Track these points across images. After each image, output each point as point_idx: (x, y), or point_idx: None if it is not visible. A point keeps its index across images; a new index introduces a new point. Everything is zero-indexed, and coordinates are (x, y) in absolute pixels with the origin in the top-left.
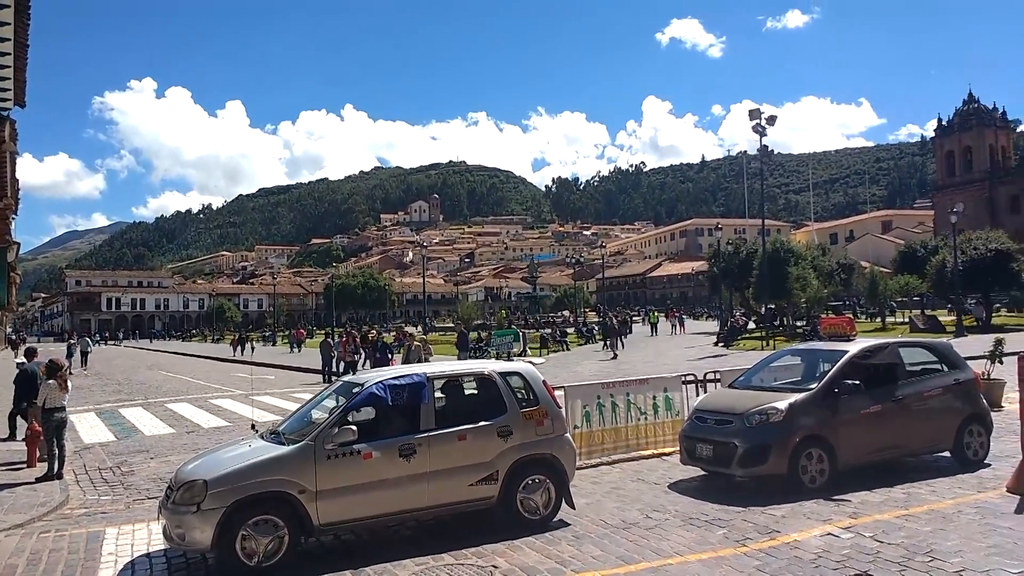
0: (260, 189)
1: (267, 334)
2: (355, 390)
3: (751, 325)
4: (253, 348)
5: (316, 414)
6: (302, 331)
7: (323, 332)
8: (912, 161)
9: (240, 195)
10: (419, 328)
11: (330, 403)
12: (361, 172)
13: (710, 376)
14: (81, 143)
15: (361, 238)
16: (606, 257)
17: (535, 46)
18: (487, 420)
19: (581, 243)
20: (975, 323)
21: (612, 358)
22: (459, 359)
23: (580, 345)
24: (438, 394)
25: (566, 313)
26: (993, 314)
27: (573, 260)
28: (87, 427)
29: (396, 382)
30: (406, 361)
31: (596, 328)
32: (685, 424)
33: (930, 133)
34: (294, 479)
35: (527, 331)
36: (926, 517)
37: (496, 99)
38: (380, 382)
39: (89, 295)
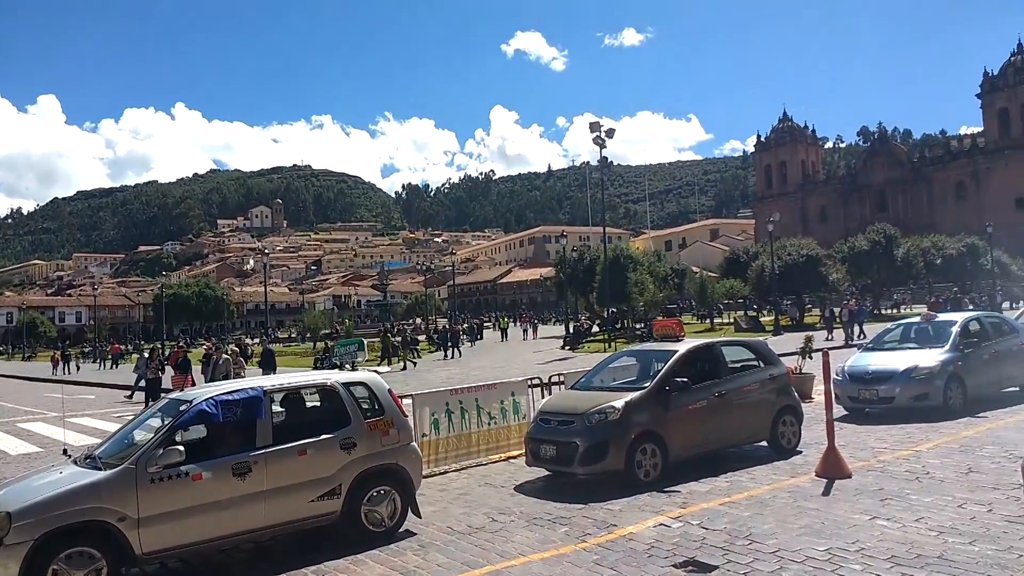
0: (79, 192)
1: (87, 350)
2: (182, 407)
3: (595, 328)
4: (79, 366)
5: (139, 435)
6: (118, 346)
7: (150, 346)
8: (736, 174)
9: (55, 198)
10: (258, 339)
11: (155, 422)
12: (195, 175)
13: (555, 379)
14: None
15: (196, 245)
16: (457, 264)
17: (380, 50)
18: (329, 433)
19: (432, 250)
20: (790, 322)
21: (402, 369)
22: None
23: (431, 352)
24: (277, 408)
25: (417, 320)
26: (805, 314)
27: (424, 267)
28: None
29: (229, 397)
30: (212, 378)
31: (436, 336)
32: (530, 426)
33: (751, 148)
34: (112, 506)
35: (399, 338)
36: (746, 503)
37: (342, 102)
38: (211, 398)
39: None
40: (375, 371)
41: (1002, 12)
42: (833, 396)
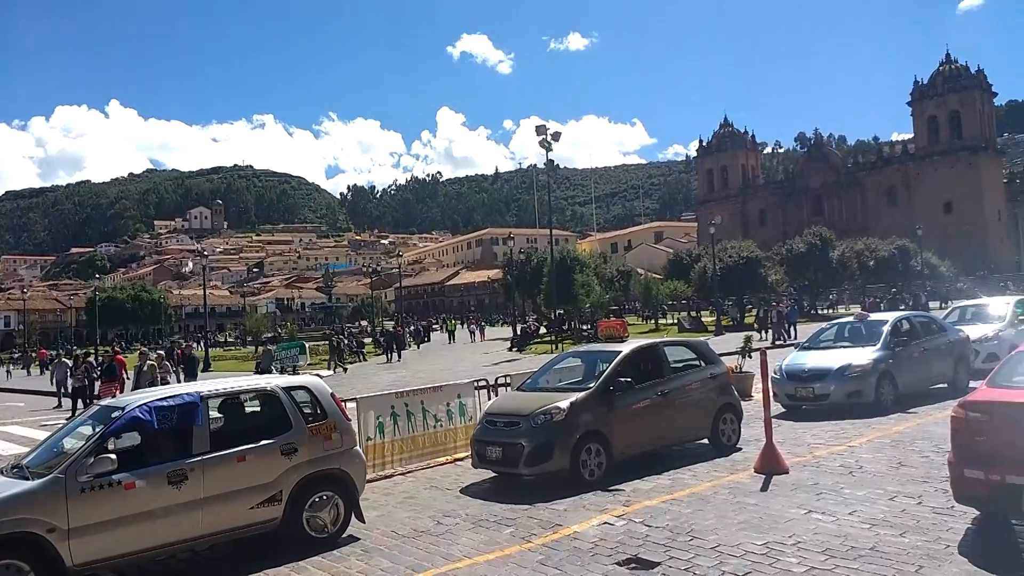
0: (7, 192)
1: (16, 355)
2: (114, 415)
3: (542, 330)
4: (9, 372)
5: (69, 443)
6: (45, 351)
7: (77, 352)
8: (679, 177)
9: None
10: (196, 342)
11: (85, 430)
12: (131, 175)
13: (501, 381)
14: None
15: (131, 247)
16: (404, 266)
17: (324, 48)
18: (270, 438)
19: (379, 252)
20: (731, 322)
21: (332, 372)
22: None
23: (377, 355)
24: (215, 414)
25: (363, 323)
26: (746, 314)
27: (370, 269)
28: None
29: (164, 403)
30: (137, 386)
31: (381, 338)
32: (476, 428)
33: (693, 153)
34: (41, 517)
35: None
36: (688, 500)
37: (284, 101)
38: (144, 404)
39: None
40: (317, 375)
41: (932, 22)
42: (771, 394)
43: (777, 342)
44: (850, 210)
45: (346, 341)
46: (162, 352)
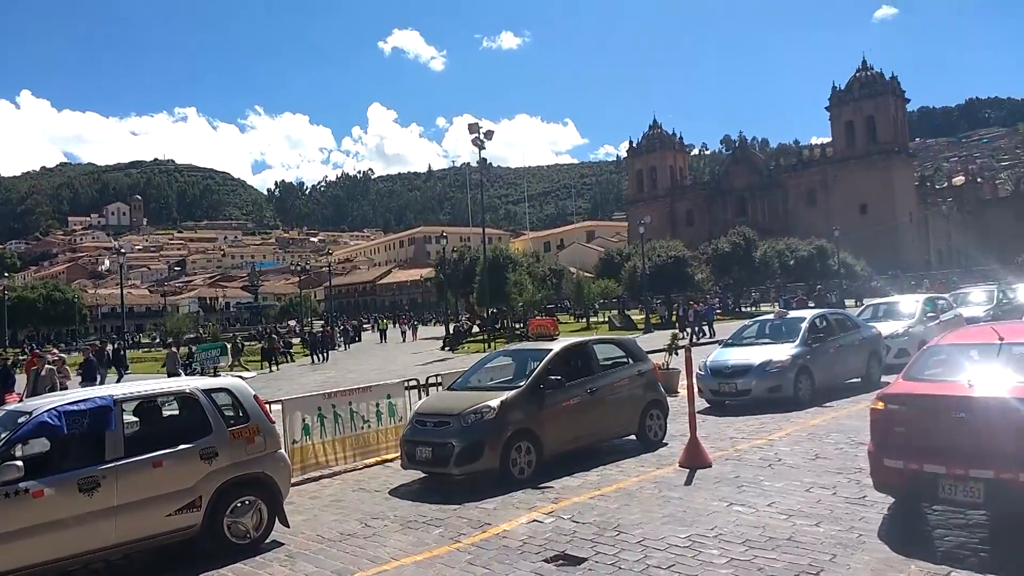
0: None
1: None
2: (20, 420)
3: (475, 329)
4: None
5: None
6: None
7: None
8: (610, 178)
9: None
10: (119, 343)
11: None
12: (43, 168)
13: (432, 380)
14: None
15: (43, 244)
16: (334, 264)
17: (249, 40)
18: (188, 443)
19: (308, 250)
20: (660, 320)
21: (255, 374)
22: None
23: (305, 356)
24: (130, 418)
25: (292, 323)
26: (674, 312)
27: (299, 267)
28: None
29: (74, 408)
30: (33, 392)
31: (307, 338)
32: (405, 429)
33: (623, 153)
34: None
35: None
36: (615, 495)
37: (208, 94)
38: (53, 409)
39: None
40: (239, 376)
41: (849, 30)
42: (696, 390)
43: (695, 342)
44: (772, 211)
45: (280, 341)
46: (61, 356)
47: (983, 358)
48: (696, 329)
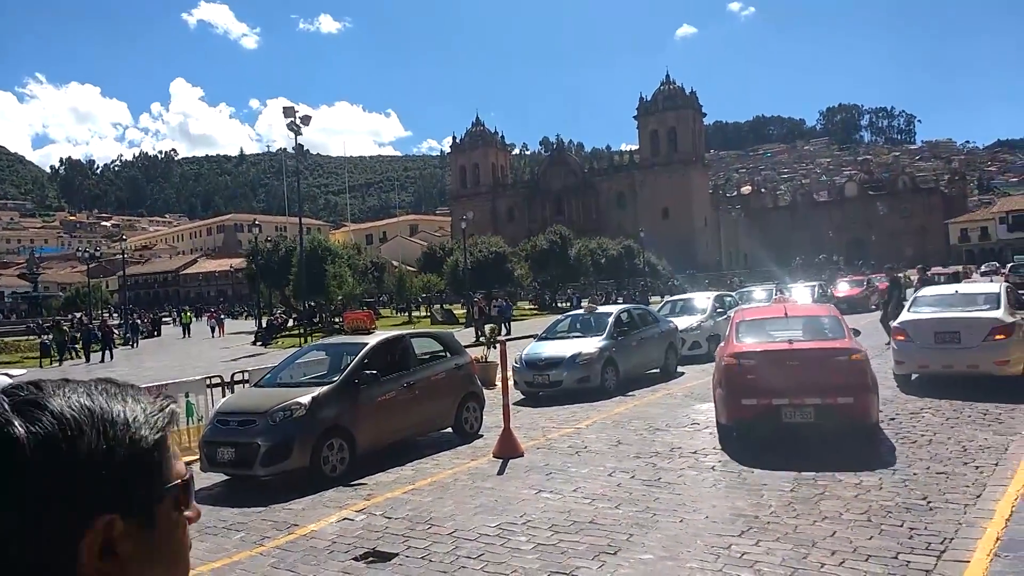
0: None
1: None
2: None
3: (291, 323)
4: None
5: None
6: None
7: None
8: (434, 172)
9: None
10: None
11: None
12: None
13: (238, 377)
14: None
15: None
16: (130, 252)
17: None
18: None
19: (99, 235)
20: (478, 316)
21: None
22: None
23: (96, 351)
24: None
25: (79, 315)
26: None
27: (88, 254)
28: None
29: None
30: None
31: (77, 334)
32: (205, 429)
33: (447, 148)
34: None
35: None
36: (429, 489)
37: None
38: None
39: None
40: (6, 374)
41: (654, 45)
42: (512, 382)
43: (480, 338)
44: (587, 211)
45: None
46: None
47: (779, 327)
48: (481, 327)
